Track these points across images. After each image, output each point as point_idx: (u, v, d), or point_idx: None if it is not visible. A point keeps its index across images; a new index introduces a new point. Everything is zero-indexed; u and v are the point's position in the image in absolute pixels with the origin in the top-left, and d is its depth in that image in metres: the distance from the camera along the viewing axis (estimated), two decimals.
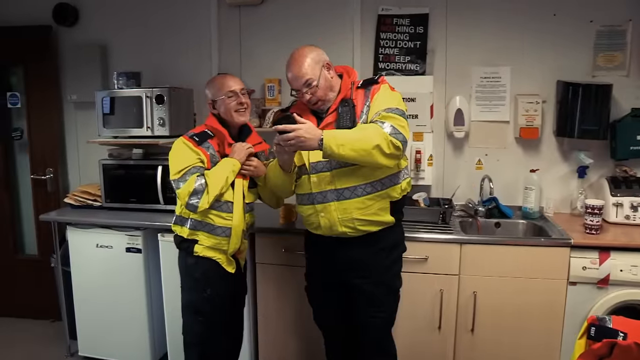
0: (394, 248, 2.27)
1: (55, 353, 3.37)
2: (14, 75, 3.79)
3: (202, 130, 2.33)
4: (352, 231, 2.15)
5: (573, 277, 2.52)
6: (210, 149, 2.27)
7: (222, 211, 2.26)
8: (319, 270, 2.37)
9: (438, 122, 3.14)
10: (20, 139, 3.78)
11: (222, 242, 2.28)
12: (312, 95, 2.13)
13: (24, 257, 3.91)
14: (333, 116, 2.13)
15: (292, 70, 2.14)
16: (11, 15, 3.63)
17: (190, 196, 2.18)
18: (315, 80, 2.11)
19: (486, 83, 3.08)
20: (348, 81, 2.20)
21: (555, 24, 2.98)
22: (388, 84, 2.19)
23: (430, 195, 3.15)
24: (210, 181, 2.18)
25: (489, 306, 2.62)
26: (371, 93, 2.13)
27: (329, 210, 2.14)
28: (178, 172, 2.21)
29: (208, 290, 2.29)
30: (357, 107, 2.12)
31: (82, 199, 3.29)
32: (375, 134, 1.97)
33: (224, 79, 2.33)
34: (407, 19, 3.12)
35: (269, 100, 3.32)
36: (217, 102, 2.31)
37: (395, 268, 2.29)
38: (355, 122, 2.09)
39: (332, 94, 2.17)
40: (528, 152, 3.10)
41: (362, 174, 2.10)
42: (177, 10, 3.44)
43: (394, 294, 2.31)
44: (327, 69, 2.15)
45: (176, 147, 2.29)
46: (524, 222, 2.96)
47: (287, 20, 3.28)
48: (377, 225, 2.17)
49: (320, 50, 2.19)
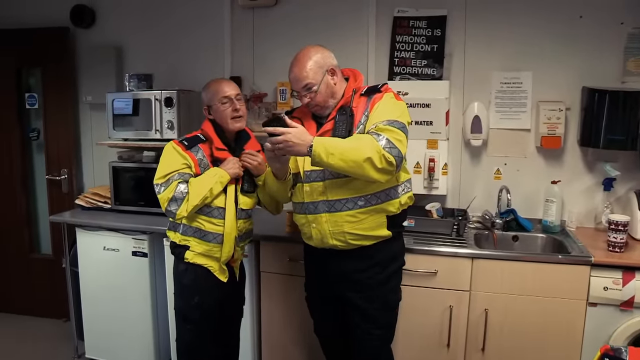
0: (390, 262, 2.15)
1: (64, 353, 3.38)
2: (32, 76, 3.83)
3: (195, 134, 2.29)
4: (344, 245, 2.06)
5: (593, 298, 2.35)
6: (199, 153, 2.23)
7: (212, 217, 2.21)
8: (315, 281, 2.30)
9: (454, 129, 3.01)
10: (37, 140, 3.82)
11: (213, 248, 2.22)
12: (310, 100, 2.05)
13: (39, 256, 3.94)
14: (331, 124, 2.04)
15: (294, 71, 2.06)
16: (29, 17, 3.66)
17: (170, 202, 2.14)
18: (316, 85, 2.03)
19: (506, 89, 2.92)
20: (351, 87, 2.10)
21: (582, 26, 2.81)
22: (393, 93, 2.07)
23: (445, 205, 3.02)
24: (192, 189, 2.13)
25: (501, 325, 2.47)
26: (372, 102, 2.02)
27: (319, 222, 2.06)
28: (162, 177, 2.18)
29: (196, 298, 2.25)
30: (356, 116, 2.03)
31: (92, 201, 3.29)
32: (367, 146, 1.86)
33: (219, 84, 2.27)
34: (424, 22, 3.00)
35: (281, 104, 3.25)
36: (212, 107, 2.26)
37: (392, 283, 2.18)
38: (352, 132, 1.99)
39: (332, 101, 2.08)
40: (550, 162, 2.93)
41: (355, 186, 2.00)
42: (191, 12, 3.41)
43: (391, 310, 2.20)
44: (331, 74, 2.06)
45: (165, 151, 2.26)
46: (544, 236, 2.80)
47: (301, 22, 3.20)
48: (371, 239, 2.07)
49: (327, 53, 2.09)
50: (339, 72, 2.10)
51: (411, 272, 2.47)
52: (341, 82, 2.11)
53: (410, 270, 2.46)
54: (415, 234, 2.70)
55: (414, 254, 2.49)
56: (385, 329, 2.20)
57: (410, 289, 2.48)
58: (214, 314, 2.31)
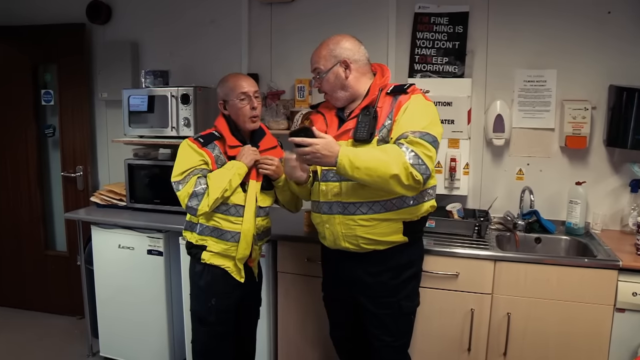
0: (406, 267, 2.07)
1: (78, 350, 3.38)
2: (48, 72, 3.82)
3: (210, 132, 2.25)
4: (356, 248, 2.01)
5: (621, 304, 2.27)
6: (215, 150, 2.19)
7: (230, 215, 2.17)
8: (330, 282, 2.26)
9: (476, 128, 2.94)
10: (53, 136, 3.81)
11: (231, 247, 2.18)
12: (318, 86, 2.06)
13: (54, 253, 3.93)
14: (353, 122, 1.98)
15: (313, 53, 2.07)
16: (46, 13, 3.66)
17: (190, 198, 2.09)
18: (324, 72, 2.01)
19: (530, 87, 2.85)
20: (377, 85, 2.03)
21: (610, 22, 2.72)
22: (421, 94, 1.99)
23: (466, 206, 2.95)
24: (211, 183, 2.09)
25: (523, 329, 2.40)
26: (397, 104, 1.94)
27: (333, 223, 2.01)
28: (179, 174, 2.14)
29: (213, 300, 2.21)
30: (380, 117, 1.95)
31: (107, 198, 3.27)
32: (395, 162, 1.78)
33: (237, 79, 2.23)
34: (446, 18, 2.93)
35: (299, 101, 3.20)
36: (228, 102, 2.22)
37: (407, 289, 2.09)
38: (373, 134, 1.93)
39: (343, 93, 2.03)
40: (574, 163, 2.86)
41: (372, 190, 1.93)
42: (208, 7, 3.38)
43: (405, 317, 2.12)
44: (343, 66, 2.00)
45: (181, 149, 2.22)
46: (567, 238, 2.72)
47: (319, 18, 3.14)
48: (385, 244, 2.00)
49: (348, 44, 2.03)
50: (358, 67, 2.03)
51: (431, 274, 2.42)
52: (362, 77, 2.04)
53: (430, 272, 2.41)
54: (436, 235, 2.64)
55: (434, 256, 2.43)
56: (398, 336, 2.12)
57: (430, 291, 2.43)
58: (231, 315, 2.27)
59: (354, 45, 2.04)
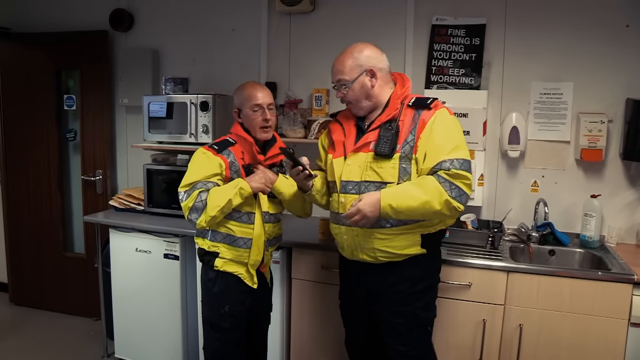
0: (423, 278, 2.06)
1: (94, 351, 3.43)
2: (71, 78, 3.91)
3: (224, 138, 2.27)
4: (373, 260, 2.02)
5: (636, 318, 2.26)
6: (230, 156, 2.20)
7: (242, 222, 2.19)
8: (347, 291, 2.26)
9: (491, 139, 2.95)
10: (74, 140, 3.89)
11: (243, 254, 2.21)
12: (343, 96, 2.03)
13: (72, 255, 4.00)
14: (374, 134, 1.97)
15: (334, 63, 2.05)
16: (71, 21, 3.75)
17: (190, 211, 2.11)
18: (349, 82, 1.99)
19: (546, 99, 2.86)
20: (399, 96, 2.01)
21: (629, 36, 2.72)
22: (446, 109, 1.96)
23: (480, 217, 2.96)
24: (210, 201, 2.08)
25: (536, 341, 2.40)
26: (420, 121, 1.93)
27: (351, 235, 2.02)
28: (186, 185, 2.15)
29: (226, 306, 2.22)
30: (402, 132, 1.94)
31: (126, 202, 3.32)
32: (437, 200, 1.84)
33: (253, 89, 2.25)
34: (463, 30, 2.96)
35: (316, 110, 3.23)
36: (242, 111, 2.25)
37: (423, 299, 2.07)
38: (395, 150, 1.92)
39: (367, 102, 2.02)
40: (589, 176, 2.85)
41: None
42: (228, 17, 3.44)
43: (421, 327, 2.10)
44: (369, 75, 1.98)
45: (193, 158, 2.23)
46: (582, 251, 2.72)
47: (338, 28, 3.18)
48: (403, 257, 2.00)
49: (373, 53, 2.01)
50: (382, 76, 2.01)
51: (444, 283, 2.42)
52: (385, 86, 2.03)
53: (443, 282, 2.39)
54: (449, 245, 2.65)
55: (448, 266, 2.44)
56: (412, 346, 2.08)
57: (442, 301, 2.43)
58: (244, 322, 2.29)
59: (377, 54, 2.03)
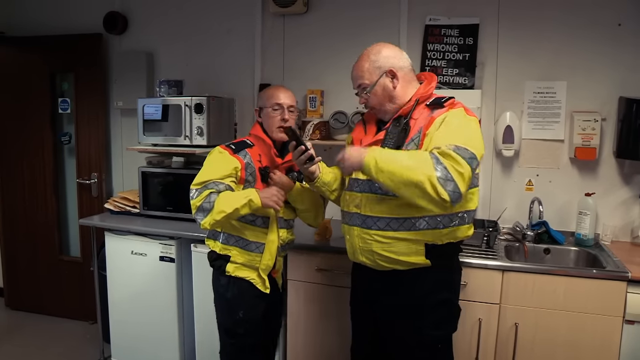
0: (431, 293, 1.91)
1: (90, 355, 3.42)
2: (65, 81, 3.90)
3: (242, 140, 2.25)
4: (373, 264, 1.94)
5: (630, 315, 2.27)
6: (246, 157, 2.17)
7: (256, 226, 2.18)
8: (355, 296, 2.20)
9: (486, 139, 2.82)
10: (69, 144, 3.89)
11: (255, 258, 2.19)
12: (365, 101, 1.95)
13: (68, 258, 3.99)
14: (383, 134, 1.92)
15: (353, 68, 1.97)
16: (65, 23, 3.74)
17: (197, 211, 2.08)
18: (370, 86, 1.90)
19: (539, 99, 2.87)
20: (417, 94, 1.91)
21: (621, 35, 2.74)
22: (463, 108, 1.84)
23: (475, 216, 2.95)
24: (217, 204, 2.04)
25: (531, 340, 2.40)
26: (430, 117, 1.82)
27: (352, 235, 1.97)
28: (199, 183, 2.12)
29: (241, 312, 2.20)
30: (412, 130, 1.85)
31: (121, 205, 3.32)
32: (421, 169, 1.64)
33: (276, 90, 2.25)
34: (456, 30, 2.97)
35: (311, 111, 3.23)
36: (263, 110, 2.25)
37: (431, 317, 1.92)
38: (400, 147, 1.83)
39: (391, 105, 1.92)
40: (584, 174, 2.86)
41: (391, 206, 1.84)
42: (222, 19, 3.44)
43: (429, 349, 1.95)
44: (390, 76, 1.89)
45: (209, 157, 2.21)
46: (577, 249, 2.73)
47: (331, 29, 3.19)
48: (405, 265, 1.89)
49: (390, 52, 1.93)
50: (403, 75, 1.92)
51: None
52: (408, 85, 1.93)
53: None
54: None
55: None
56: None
57: None
58: (259, 327, 2.25)
59: (396, 52, 1.94)
